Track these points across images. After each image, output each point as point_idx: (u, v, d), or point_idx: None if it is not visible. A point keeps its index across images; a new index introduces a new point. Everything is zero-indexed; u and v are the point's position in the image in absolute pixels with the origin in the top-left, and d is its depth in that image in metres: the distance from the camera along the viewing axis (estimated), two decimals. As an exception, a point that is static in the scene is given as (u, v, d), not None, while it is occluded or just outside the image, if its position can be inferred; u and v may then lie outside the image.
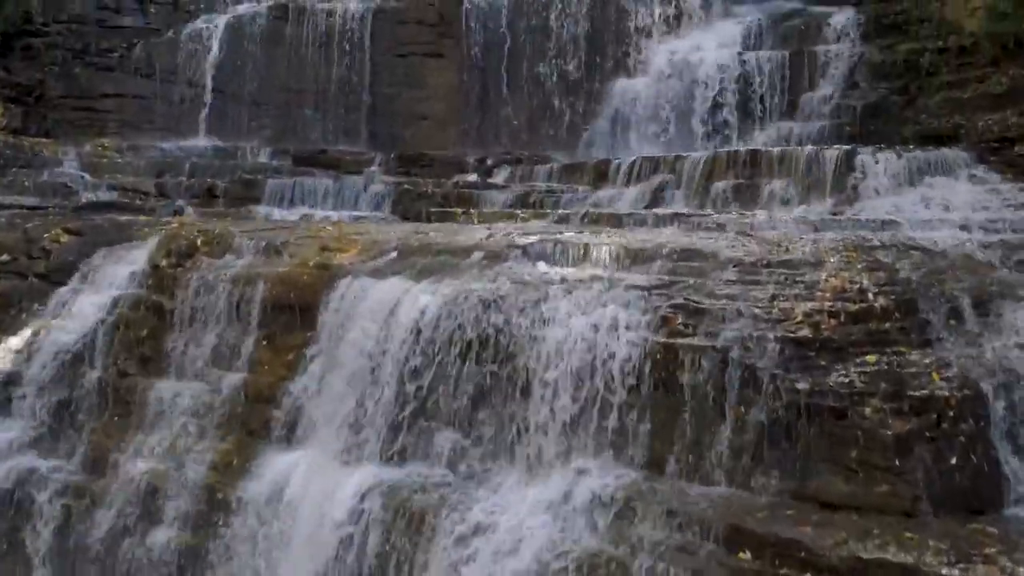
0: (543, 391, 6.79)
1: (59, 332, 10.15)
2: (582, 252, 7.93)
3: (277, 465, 8.03)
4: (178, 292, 9.59)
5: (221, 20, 18.47)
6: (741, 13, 20.20)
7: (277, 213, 14.62)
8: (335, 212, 14.76)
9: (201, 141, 17.95)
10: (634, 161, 13.49)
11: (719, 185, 12.43)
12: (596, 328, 6.74)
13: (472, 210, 12.25)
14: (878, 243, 7.97)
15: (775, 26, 19.51)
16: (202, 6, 18.92)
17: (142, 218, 12.32)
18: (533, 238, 8.38)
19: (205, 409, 8.88)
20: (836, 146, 11.94)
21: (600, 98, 19.49)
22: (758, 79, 18.50)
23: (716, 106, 18.60)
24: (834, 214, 10.86)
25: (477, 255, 8.14)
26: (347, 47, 18.80)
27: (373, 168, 17.16)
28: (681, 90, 18.89)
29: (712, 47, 19.28)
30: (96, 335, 9.95)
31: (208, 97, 18.26)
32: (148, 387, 9.40)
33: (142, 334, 9.72)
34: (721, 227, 9.91)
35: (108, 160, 15.71)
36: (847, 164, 11.45)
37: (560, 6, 19.67)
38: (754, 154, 12.36)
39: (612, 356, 6.60)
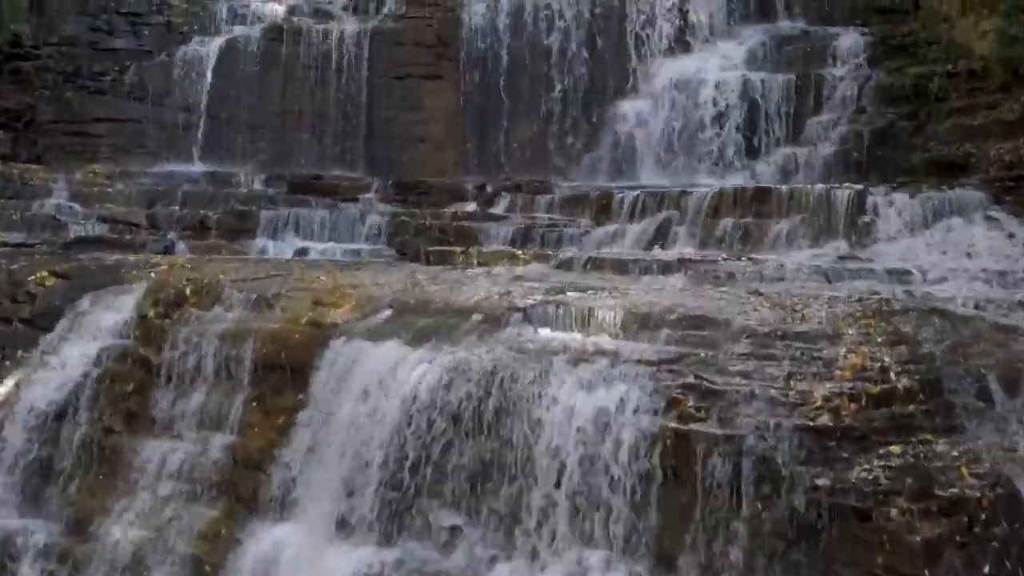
0: (546, 475, 6.43)
1: (43, 384, 9.79)
2: (585, 316, 7.56)
3: (267, 539, 7.66)
4: (165, 346, 9.22)
5: (215, 42, 18.13)
6: (745, 34, 19.84)
7: (271, 246, 14.31)
8: (331, 244, 14.46)
9: (195, 166, 17.62)
10: (637, 195, 13.14)
11: (725, 223, 12.07)
12: (602, 409, 6.37)
13: (471, 249, 11.87)
14: (897, 306, 7.59)
15: (780, 48, 19.16)
16: (196, 28, 18.57)
17: (131, 257, 11.94)
18: (534, 299, 8.01)
19: (193, 472, 8.51)
20: (847, 185, 11.57)
21: (602, 120, 19.17)
22: (763, 103, 18.18)
23: (720, 130, 18.29)
24: (846, 258, 10.52)
25: (476, 318, 7.77)
26: (344, 69, 18.46)
27: (370, 195, 16.81)
28: (684, 113, 18.56)
29: (716, 69, 18.93)
30: (81, 389, 9.58)
31: (202, 121, 17.93)
32: (134, 446, 9.04)
33: (128, 389, 9.35)
34: (731, 276, 9.56)
35: (99, 190, 15.34)
36: (859, 205, 11.09)
37: (561, 27, 19.34)
38: (761, 191, 12.00)
39: (620, 441, 6.23)
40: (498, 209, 15.36)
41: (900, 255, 10.39)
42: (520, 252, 11.46)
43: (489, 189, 16.81)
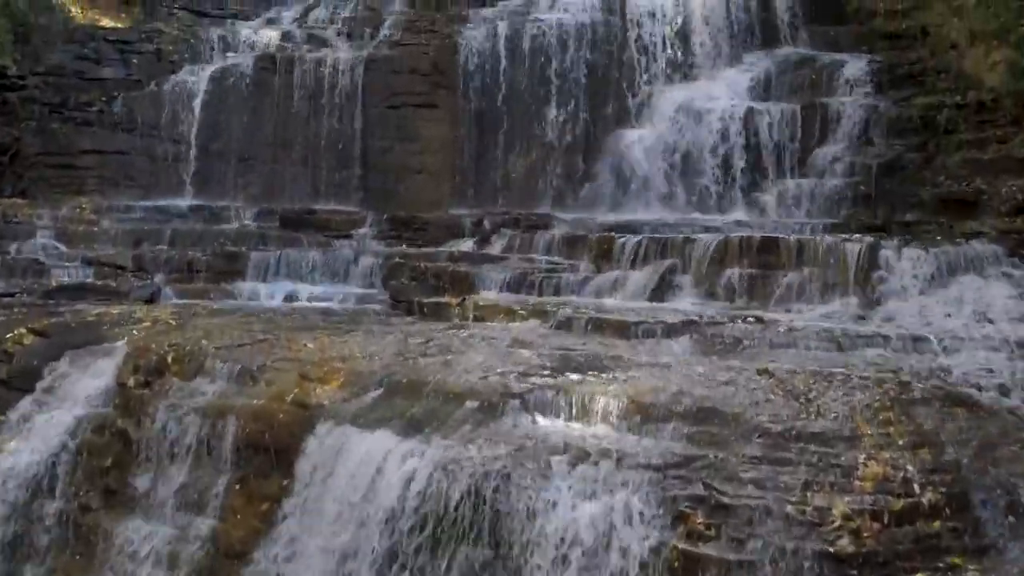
0: (544, 590, 5.99)
1: (19, 454, 9.33)
2: (586, 403, 7.12)
3: (249, 641, 7.23)
4: (145, 420, 8.77)
5: (206, 72, 17.69)
6: (749, 61, 19.42)
7: (261, 289, 13.90)
8: (323, 287, 14.04)
9: (184, 200, 17.19)
10: (639, 241, 12.69)
11: (731, 273, 11.65)
12: (604, 519, 5.94)
13: (467, 301, 11.41)
14: (917, 394, 7.15)
15: (785, 75, 18.74)
16: (186, 56, 18.14)
17: (114, 310, 11.49)
18: (532, 382, 7.56)
19: (173, 559, 8.06)
20: (857, 236, 11.11)
21: (602, 149, 18.76)
22: (768, 133, 17.76)
23: (724, 160, 17.86)
24: (857, 318, 10.08)
25: (471, 404, 7.32)
26: (338, 99, 18.04)
27: (364, 229, 16.42)
28: (687, 143, 18.13)
29: (720, 97, 18.52)
30: (58, 461, 9.12)
31: (192, 153, 17.51)
32: (112, 526, 8.59)
33: (106, 464, 8.90)
34: (738, 343, 9.12)
35: (84, 229, 14.91)
36: (870, 259, 10.65)
37: (560, 53, 18.92)
38: (768, 241, 11.55)
39: (623, 556, 5.79)
40: (495, 248, 14.93)
41: (914, 316, 9.95)
42: (517, 307, 10.99)
43: (486, 224, 16.38)
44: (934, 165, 16.26)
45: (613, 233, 13.42)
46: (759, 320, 9.91)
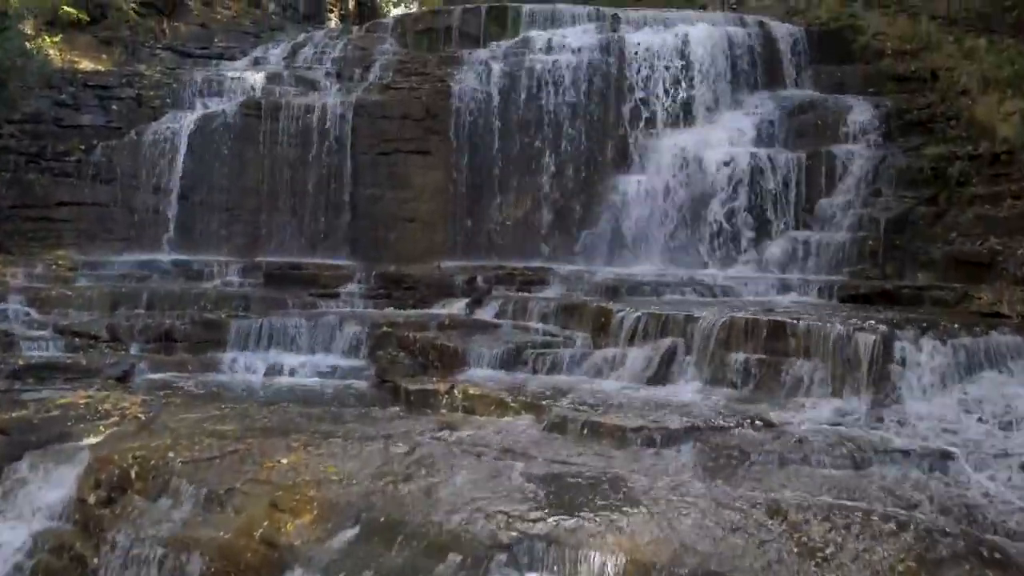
0: None
1: (-29, 573, 8.65)
2: (580, 560, 6.45)
3: None
4: (104, 546, 8.09)
5: (188, 118, 17.04)
6: (752, 103, 18.80)
7: (242, 360, 13.19)
8: (307, 357, 13.36)
9: (165, 254, 16.52)
10: (639, 317, 12.00)
11: (737, 357, 10.96)
12: None
13: (455, 388, 10.72)
14: (944, 550, 6.47)
15: (789, 120, 18.12)
16: (168, 101, 17.47)
17: (81, 400, 10.79)
18: (521, 528, 6.90)
19: None
20: (870, 323, 10.43)
21: (600, 196, 18.18)
22: (772, 182, 17.15)
23: (726, 210, 17.24)
24: (872, 422, 9.42)
25: (454, 558, 6.65)
26: (326, 145, 17.42)
27: (352, 286, 15.79)
28: (688, 192, 17.53)
29: (722, 143, 17.91)
30: (11, 583, 8.45)
31: (173, 204, 16.85)
32: (67, 665, 7.92)
33: (63, 591, 8.22)
34: (746, 457, 8.45)
35: (57, 293, 14.22)
36: (885, 352, 9.97)
37: (557, 96, 18.27)
38: (776, 325, 10.87)
39: None
40: (488, 312, 14.27)
41: (933, 419, 9.28)
42: (509, 399, 10.31)
43: (480, 281, 15.75)
44: (945, 220, 15.64)
45: (611, 305, 12.71)
46: (767, 424, 9.24)
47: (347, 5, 26.47)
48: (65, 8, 17.69)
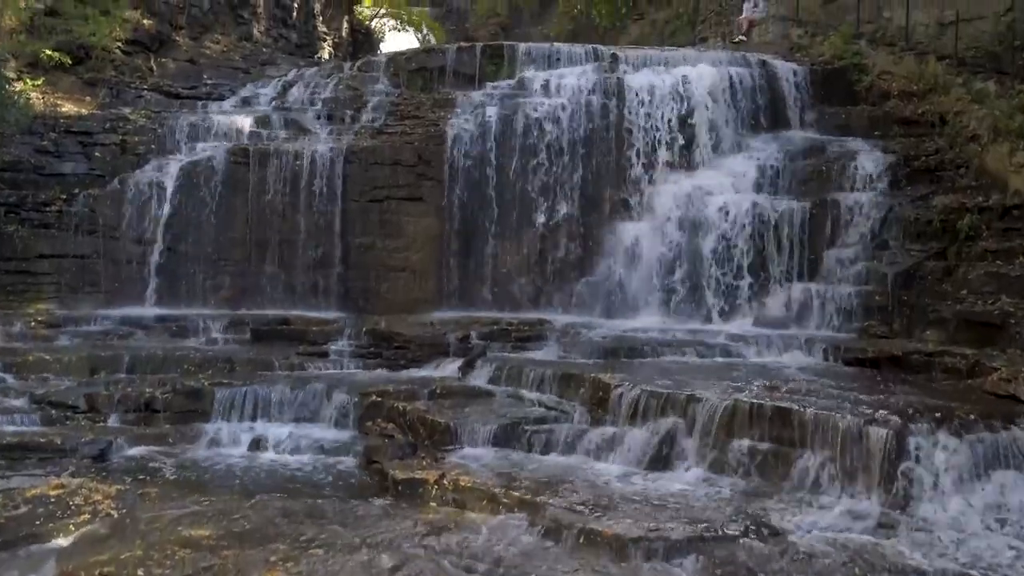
0: None
1: None
2: None
3: None
4: None
5: (173, 166, 16.53)
6: (755, 146, 18.29)
7: (225, 431, 12.70)
8: (293, 427, 12.86)
9: (148, 308, 16.03)
10: (638, 395, 11.49)
11: (741, 445, 10.44)
12: None
13: (445, 479, 10.19)
14: None
15: (793, 164, 17.61)
16: (153, 147, 16.95)
17: (52, 491, 10.25)
18: None
19: None
20: (883, 416, 9.91)
21: (597, 243, 17.67)
22: (775, 232, 16.64)
23: (728, 261, 16.73)
24: (887, 527, 8.90)
25: None
26: (316, 193, 16.93)
27: (342, 343, 15.33)
28: (688, 240, 17.02)
29: (723, 190, 17.40)
30: None
31: (158, 255, 16.36)
32: None
33: None
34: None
35: (35, 358, 13.70)
36: (898, 448, 9.46)
37: (554, 141, 17.80)
38: (782, 412, 10.34)
39: None
40: (482, 377, 13.70)
41: (948, 527, 8.78)
42: (502, 494, 9.79)
43: (474, 337, 15.22)
44: (955, 276, 15.12)
45: (610, 378, 12.15)
46: (773, 532, 8.73)
47: (341, 33, 25.94)
48: (47, 52, 17.17)
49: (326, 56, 25.26)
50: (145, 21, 19.82)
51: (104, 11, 18.25)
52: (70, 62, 17.78)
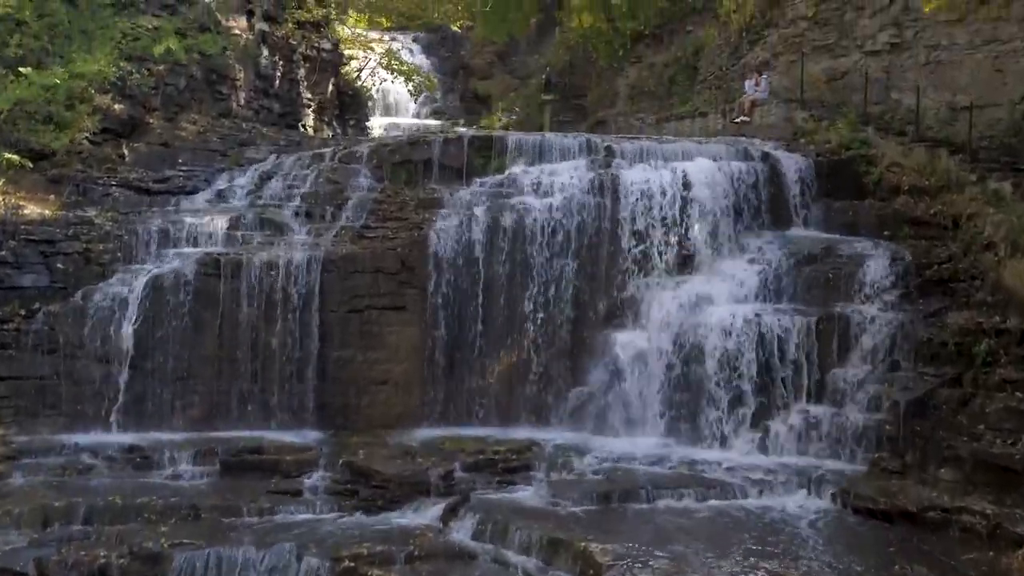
0: None
1: None
2: None
3: None
4: None
5: (140, 280, 15.55)
6: (757, 246, 17.35)
7: (186, 607, 11.74)
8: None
9: (112, 434, 15.09)
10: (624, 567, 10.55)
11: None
12: None
13: None
14: None
15: (798, 270, 16.67)
16: (119, 256, 15.99)
17: None
18: None
19: None
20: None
21: (590, 353, 16.76)
22: (778, 348, 15.68)
23: (727, 378, 15.77)
24: None
25: None
26: (292, 305, 16.05)
27: (317, 475, 14.47)
28: (686, 353, 16.08)
29: (723, 299, 16.51)
30: None
31: (123, 375, 15.40)
32: None
33: None
34: None
35: (-17, 506, 12.75)
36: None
37: (545, 242, 16.91)
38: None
39: None
40: (465, 530, 12.72)
41: None
42: None
43: (458, 469, 14.29)
44: (972, 408, 14.13)
45: (600, 555, 11.15)
46: None
47: (326, 97, 24.98)
48: (7, 156, 16.18)
49: (311, 123, 24.29)
50: (116, 106, 18.79)
51: (69, 106, 17.23)
52: (31, 165, 16.78)
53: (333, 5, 25.07)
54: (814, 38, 21.48)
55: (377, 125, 32.92)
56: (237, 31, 21.85)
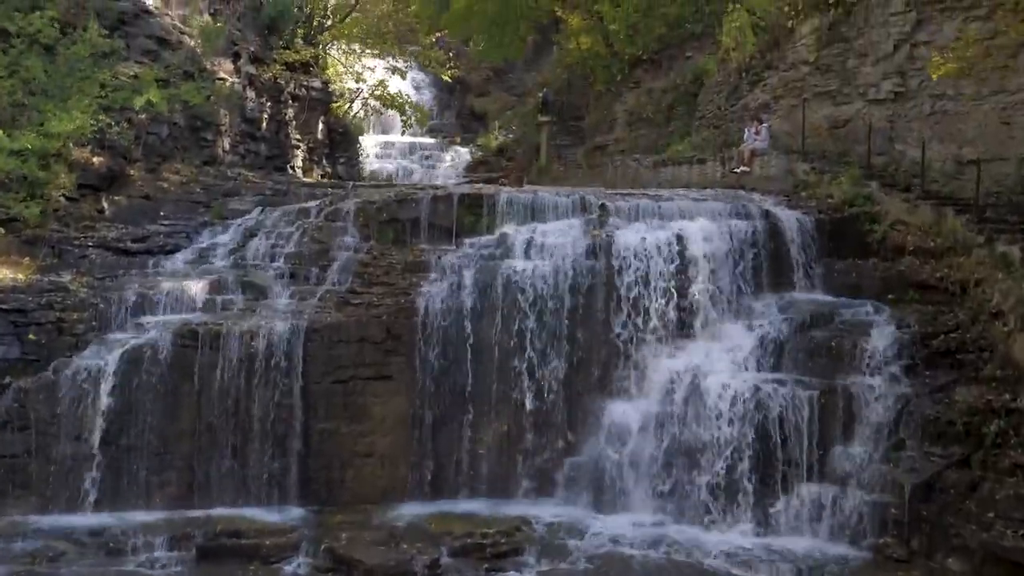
0: None
1: None
2: None
3: None
4: None
5: (114, 352, 14.95)
6: (758, 309, 16.74)
7: None
8: None
9: (85, 517, 14.49)
10: None
11: None
12: None
13: None
14: None
15: (799, 337, 16.06)
16: (94, 325, 15.38)
17: None
18: None
19: None
20: None
21: (585, 422, 16.14)
22: (779, 423, 15.07)
23: (727, 455, 15.17)
24: None
25: None
26: (273, 377, 15.45)
27: (297, 563, 13.73)
28: (683, 425, 15.51)
29: (722, 368, 15.88)
30: None
31: (97, 453, 14.80)
32: None
33: None
34: None
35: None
36: None
37: (537, 307, 16.31)
38: None
39: None
40: (451, 630, 12.18)
41: None
42: None
43: (444, 557, 13.70)
44: (981, 493, 13.54)
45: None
46: None
47: (316, 136, 24.37)
48: (-21, 225, 15.62)
49: (300, 164, 23.70)
50: (95, 159, 18.18)
51: (44, 166, 16.60)
52: (2, 230, 16.18)
53: (322, 45, 24.45)
54: (815, 83, 20.85)
55: (371, 143, 32.34)
56: (223, 75, 21.23)
